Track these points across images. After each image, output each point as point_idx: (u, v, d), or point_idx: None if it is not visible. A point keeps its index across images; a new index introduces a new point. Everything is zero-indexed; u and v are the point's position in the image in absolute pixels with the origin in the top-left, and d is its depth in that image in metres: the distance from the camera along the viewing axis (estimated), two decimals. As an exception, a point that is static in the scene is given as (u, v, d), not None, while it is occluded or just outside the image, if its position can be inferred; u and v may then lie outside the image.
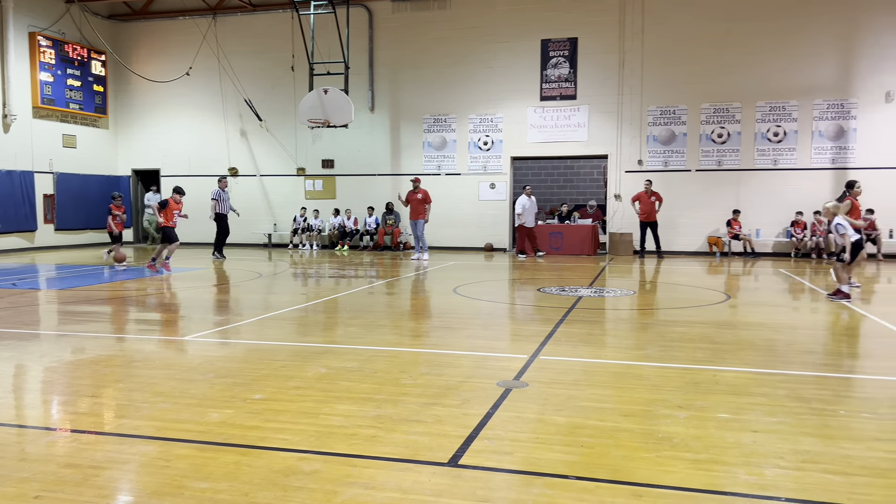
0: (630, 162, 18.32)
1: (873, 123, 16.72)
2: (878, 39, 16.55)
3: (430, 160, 19.81)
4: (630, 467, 3.47)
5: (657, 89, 17.98)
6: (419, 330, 7.50)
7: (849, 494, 3.15)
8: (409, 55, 19.67)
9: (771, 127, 17.37)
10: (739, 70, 17.38)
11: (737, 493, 3.17)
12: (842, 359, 6.25)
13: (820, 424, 4.14)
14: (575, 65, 18.47)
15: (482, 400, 4.59)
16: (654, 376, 5.31)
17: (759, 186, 17.49)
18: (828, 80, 16.96)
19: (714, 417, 4.27)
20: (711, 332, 7.19)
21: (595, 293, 10.33)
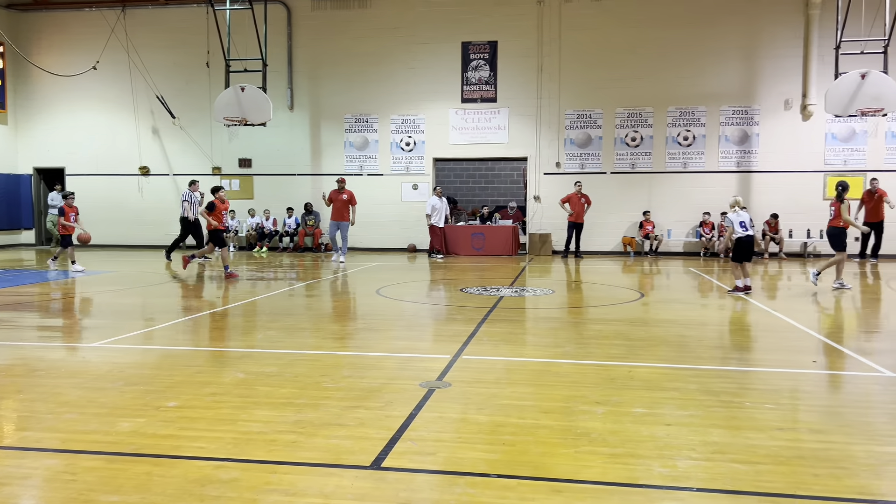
0: (549, 164, 18.71)
1: (774, 129, 17.68)
2: (777, 51, 17.52)
3: (351, 160, 19.64)
4: (550, 463, 3.54)
5: (574, 93, 18.44)
6: (341, 332, 7.41)
7: (754, 482, 3.31)
8: (329, 53, 19.43)
9: (681, 131, 18.11)
10: (652, 76, 18.04)
11: (651, 486, 3.28)
12: (746, 353, 6.58)
13: (728, 416, 4.34)
14: (495, 68, 18.71)
15: (405, 401, 4.58)
16: (572, 373, 5.44)
17: (670, 188, 18.20)
18: (733, 88, 17.82)
19: (630, 412, 4.40)
20: (626, 330, 7.43)
21: (516, 293, 10.49)
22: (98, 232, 18.79)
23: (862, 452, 3.71)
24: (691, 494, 3.18)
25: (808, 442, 3.87)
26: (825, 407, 4.72)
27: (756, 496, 3.16)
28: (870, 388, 5.15)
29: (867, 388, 5.15)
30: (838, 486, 3.28)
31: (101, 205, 20.14)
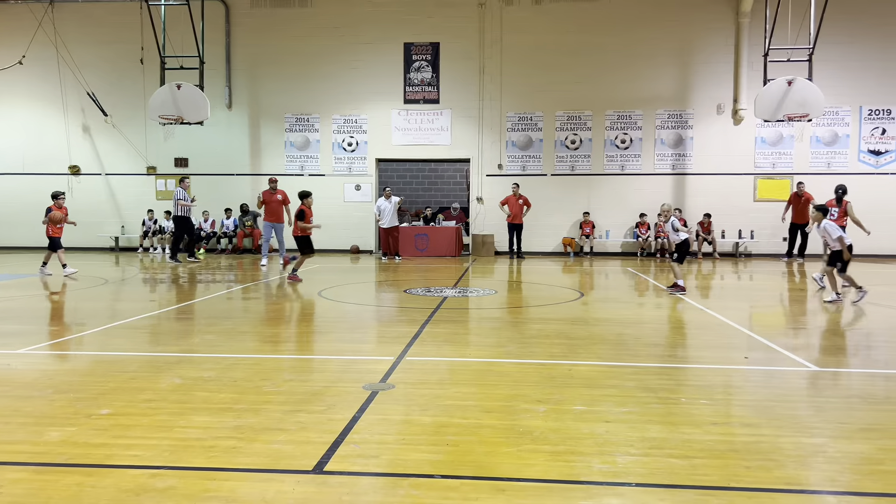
0: (491, 166, 18.86)
1: (707, 133, 18.27)
2: (710, 57, 18.11)
3: (292, 160, 19.38)
4: (493, 462, 3.56)
5: (515, 96, 18.65)
6: (282, 335, 7.30)
7: (690, 476, 3.41)
8: (269, 52, 19.13)
9: (618, 134, 18.52)
10: (590, 80, 18.39)
11: (592, 482, 3.34)
12: (682, 350, 6.77)
13: (665, 412, 4.45)
14: (437, 69, 18.75)
15: (348, 404, 4.54)
16: (514, 372, 5.49)
17: (608, 190, 18.59)
18: (668, 92, 18.33)
19: (570, 410, 4.47)
20: (566, 329, 7.55)
21: (459, 293, 10.54)
22: (24, 234, 18.03)
23: (790, 444, 3.87)
24: (630, 490, 3.25)
25: (741, 435, 4.00)
26: (756, 401, 4.90)
27: (692, 489, 3.25)
28: (797, 383, 5.36)
29: (795, 383, 5.37)
30: (769, 477, 3.40)
31: (28, 205, 19.30)
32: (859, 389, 5.10)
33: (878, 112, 17.81)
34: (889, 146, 17.82)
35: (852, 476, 3.44)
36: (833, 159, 17.96)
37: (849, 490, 3.28)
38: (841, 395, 4.94)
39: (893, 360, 6.18)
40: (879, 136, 17.83)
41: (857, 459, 3.65)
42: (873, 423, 4.25)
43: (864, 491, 3.27)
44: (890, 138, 17.80)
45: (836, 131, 17.92)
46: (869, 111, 17.83)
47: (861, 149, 17.90)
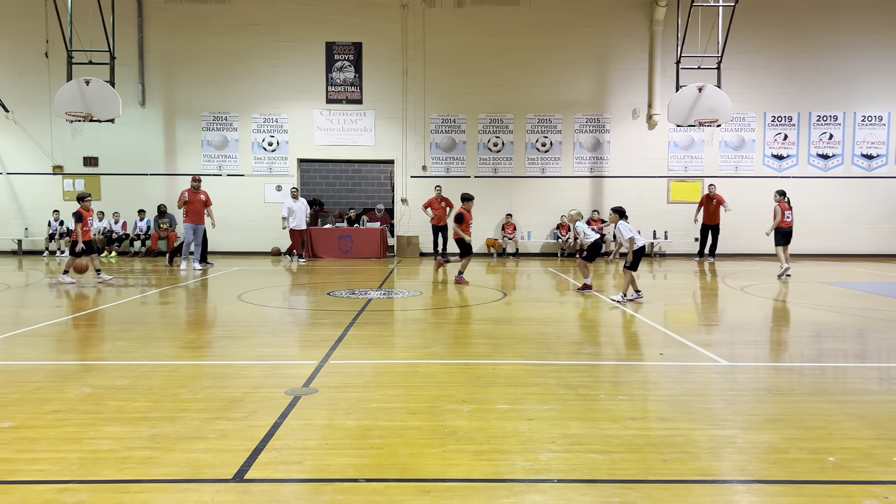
0: (415, 167, 18.88)
1: (623, 137, 18.86)
2: (626, 63, 18.70)
3: (209, 160, 18.82)
4: (418, 464, 3.56)
5: (439, 98, 18.73)
6: (200, 341, 7.07)
7: (610, 470, 3.50)
8: (185, 48, 18.52)
9: (539, 137, 18.88)
10: (512, 83, 18.67)
11: (515, 480, 3.38)
12: (601, 347, 6.95)
13: (585, 409, 4.56)
14: (360, 69, 18.63)
15: (269, 410, 4.44)
16: (439, 373, 5.51)
17: (529, 192, 18.92)
18: (586, 97, 18.82)
19: (495, 409, 4.52)
20: (490, 329, 7.63)
21: (384, 295, 10.49)
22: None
23: (704, 437, 4.03)
24: (552, 486, 3.31)
25: (657, 430, 4.14)
26: (671, 396, 5.08)
27: (612, 483, 3.34)
28: (710, 378, 5.60)
29: (707, 378, 5.60)
30: (684, 469, 3.53)
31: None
32: (766, 382, 5.37)
33: (780, 119, 18.83)
34: (790, 151, 18.86)
35: (760, 465, 3.62)
36: (740, 163, 18.87)
37: (757, 478, 3.45)
38: (749, 389, 5.18)
39: (797, 354, 6.54)
40: (782, 141, 18.85)
41: (765, 449, 3.84)
42: (779, 414, 4.48)
43: (771, 479, 3.44)
44: (791, 144, 18.84)
45: (743, 136, 18.83)
46: (772, 118, 18.82)
47: (766, 153, 18.87)
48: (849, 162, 18.82)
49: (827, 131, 18.78)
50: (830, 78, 18.62)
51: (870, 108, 18.71)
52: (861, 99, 18.69)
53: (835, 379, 5.56)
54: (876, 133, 18.76)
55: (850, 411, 4.53)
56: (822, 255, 18.47)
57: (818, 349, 6.83)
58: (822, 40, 18.50)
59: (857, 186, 18.74)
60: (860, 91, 18.66)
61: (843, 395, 5.01)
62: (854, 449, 3.82)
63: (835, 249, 18.63)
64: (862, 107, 18.71)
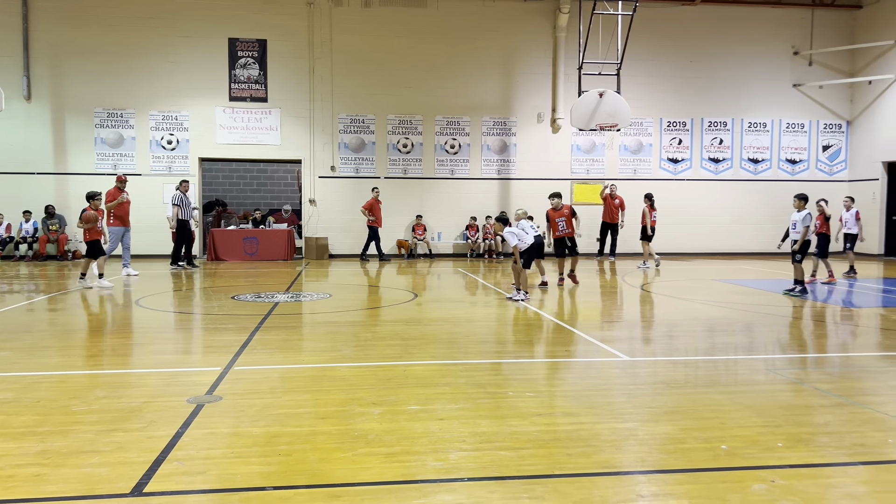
0: (323, 167, 18.61)
1: (529, 140, 19.28)
2: (531, 67, 19.13)
3: (104, 158, 17.88)
4: (327, 469, 3.51)
5: (347, 98, 18.54)
6: (93, 349, 6.70)
7: (518, 467, 3.57)
8: (75, 41, 17.51)
9: (448, 139, 19.03)
10: (420, 85, 18.73)
11: (426, 480, 3.39)
12: (509, 346, 7.08)
13: (494, 406, 4.63)
14: (265, 67, 18.19)
15: (170, 420, 4.26)
16: (349, 376, 5.45)
17: (439, 194, 19.04)
18: (493, 100, 19.12)
19: (405, 410, 4.52)
20: (401, 330, 7.62)
21: (292, 298, 10.28)
22: None
23: (606, 430, 4.17)
24: (462, 484, 3.34)
25: (563, 425, 4.26)
26: (576, 392, 5.23)
27: (520, 479, 3.41)
28: (611, 372, 5.80)
29: (609, 373, 5.81)
30: (588, 462, 3.65)
31: None
32: (664, 376, 5.62)
33: (675, 124, 19.77)
34: (685, 155, 19.83)
35: (659, 455, 3.78)
36: (638, 166, 19.68)
37: (656, 469, 3.60)
38: (648, 382, 5.41)
39: (692, 348, 6.88)
40: (677, 145, 19.80)
41: (663, 440, 4.02)
42: (676, 406, 4.70)
43: (669, 468, 3.60)
44: (685, 148, 19.82)
45: (641, 141, 19.66)
46: (668, 123, 19.73)
47: (662, 157, 19.77)
48: (737, 166, 19.98)
49: (717, 136, 19.87)
50: (719, 86, 19.72)
51: (755, 116, 19.93)
52: (747, 107, 19.88)
53: (726, 371, 5.89)
54: (761, 139, 20.01)
55: (740, 401, 4.81)
56: (714, 254, 19.52)
57: (711, 343, 7.22)
58: (711, 51, 19.56)
59: (745, 189, 19.92)
60: (746, 99, 19.85)
61: (734, 386, 5.32)
62: (744, 437, 4.05)
63: (725, 248, 19.73)
64: (748, 114, 19.92)
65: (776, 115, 19.95)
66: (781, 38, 19.71)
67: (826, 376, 5.67)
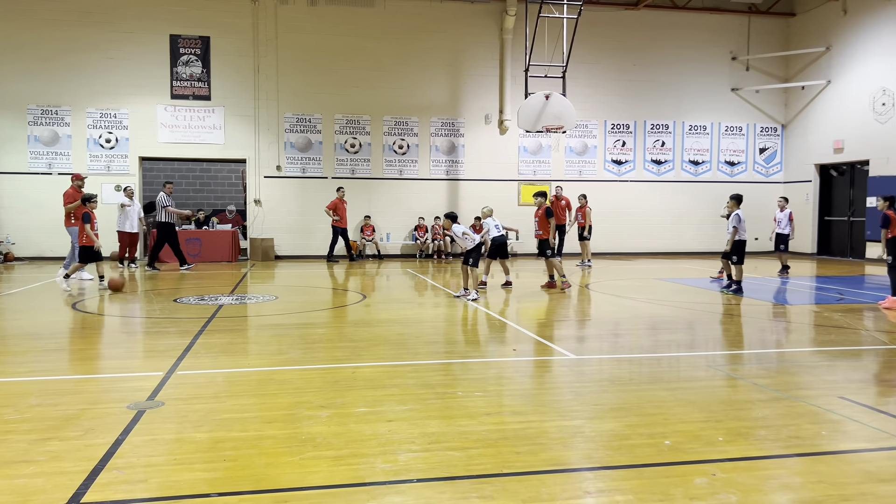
0: (269, 167, 18.32)
1: (477, 141, 19.37)
2: (478, 69, 19.23)
3: (37, 157, 17.22)
4: (274, 474, 3.45)
5: (293, 97, 18.30)
6: (26, 354, 6.43)
7: (467, 466, 3.58)
8: (8, 35, 16.81)
9: (396, 140, 18.98)
10: (368, 85, 18.62)
11: (375, 482, 3.37)
12: (458, 346, 7.10)
13: (443, 407, 4.63)
14: (208, 64, 17.80)
15: (110, 427, 4.13)
16: (296, 379, 5.38)
17: (388, 194, 18.97)
18: (441, 101, 19.16)
19: (354, 413, 4.48)
20: (349, 331, 7.57)
21: (236, 301, 10.09)
22: None
23: (554, 428, 4.22)
24: (412, 486, 3.34)
25: (511, 423, 4.29)
26: (524, 390, 5.28)
27: (469, 479, 3.42)
28: (559, 371, 5.88)
29: (557, 371, 5.89)
30: (536, 460, 3.68)
31: None
32: (609, 373, 5.72)
33: (619, 126, 20.17)
34: (628, 157, 20.25)
35: (606, 452, 3.85)
36: (584, 168, 20.00)
37: (603, 465, 3.67)
38: (594, 380, 5.50)
39: (636, 346, 7.03)
40: (620, 147, 20.19)
41: (609, 436, 4.09)
42: (621, 403, 4.79)
43: (615, 464, 3.67)
44: (629, 150, 20.23)
45: (587, 143, 19.98)
46: (612, 125, 20.11)
47: (606, 158, 20.14)
48: (678, 167, 20.50)
49: (660, 139, 20.36)
50: (661, 90, 20.20)
51: (695, 119, 20.49)
52: (688, 110, 20.43)
53: (669, 368, 6.03)
54: (701, 141, 20.59)
55: (682, 397, 4.93)
56: (656, 253, 19.99)
57: (654, 341, 7.38)
58: (654, 55, 20.02)
59: (686, 190, 20.45)
60: (687, 102, 20.39)
61: (676, 382, 5.45)
62: (686, 432, 4.16)
63: (667, 248, 20.22)
64: (689, 117, 20.46)
65: (715, 119, 20.54)
66: (720, 44, 20.32)
67: (763, 371, 5.86)
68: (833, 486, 3.35)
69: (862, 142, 17.94)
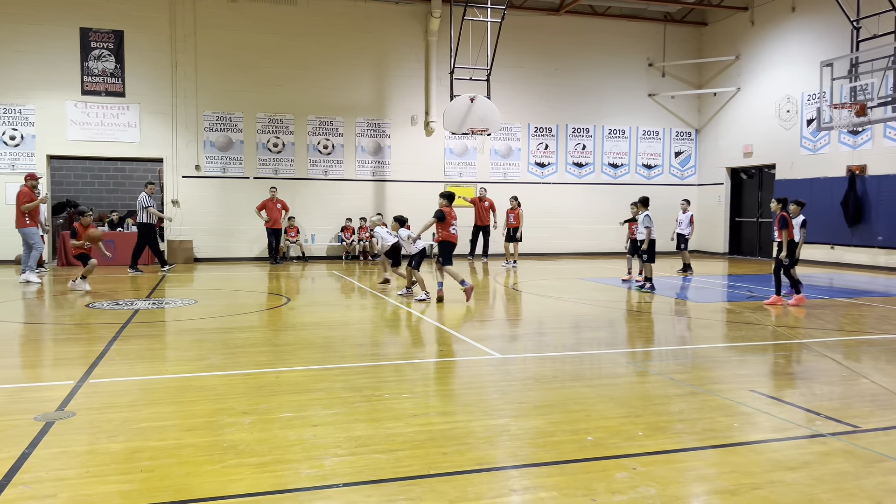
0: (188, 167, 17.75)
1: (403, 142, 19.35)
2: (404, 70, 19.21)
3: (-67, 155, 16.11)
4: (195, 483, 3.34)
5: (213, 94, 17.79)
6: (-78, 365, 6.01)
7: (394, 469, 3.56)
8: None
9: (321, 140, 18.74)
10: (291, 83, 18.31)
11: (300, 489, 3.31)
12: (385, 348, 7.07)
13: (370, 409, 4.60)
14: (122, 60, 17.10)
15: (15, 440, 3.90)
16: (218, 385, 5.23)
17: (312, 195, 18.69)
18: (367, 101, 19.03)
19: (278, 418, 4.39)
20: (273, 335, 7.41)
21: (154, 305, 9.72)
22: None
23: (480, 427, 4.26)
24: (338, 490, 3.30)
25: (439, 424, 4.30)
26: (451, 390, 5.31)
27: (396, 482, 3.40)
28: (485, 370, 5.94)
29: (483, 370, 5.94)
30: (463, 460, 3.70)
31: None
32: (534, 372, 5.82)
33: (542, 129, 20.55)
34: (551, 159, 20.66)
35: (531, 449, 3.91)
36: (508, 170, 20.28)
37: (528, 462, 3.72)
38: (519, 378, 5.58)
39: (560, 344, 7.17)
40: (543, 150, 20.59)
41: (534, 434, 4.15)
42: (545, 401, 4.88)
43: (540, 461, 3.73)
44: (551, 153, 20.65)
45: (511, 145, 20.27)
46: (535, 128, 20.48)
47: (530, 161, 20.49)
48: (599, 170, 21.07)
49: (581, 142, 20.86)
50: (582, 94, 20.71)
51: (615, 123, 21.11)
52: (607, 114, 21.02)
53: (591, 365, 6.18)
54: (620, 145, 21.22)
55: (604, 393, 5.06)
56: (578, 254, 20.47)
57: (577, 339, 7.56)
58: (575, 60, 20.51)
59: (606, 192, 21.03)
60: (607, 107, 20.98)
61: (598, 378, 5.60)
62: (608, 427, 4.27)
63: (588, 248, 20.74)
64: (608, 121, 21.05)
65: (633, 123, 21.21)
66: (638, 50, 21.00)
67: (680, 367, 6.09)
68: (745, 476, 3.51)
69: (769, 147, 18.90)
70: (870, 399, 4.97)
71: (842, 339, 7.37)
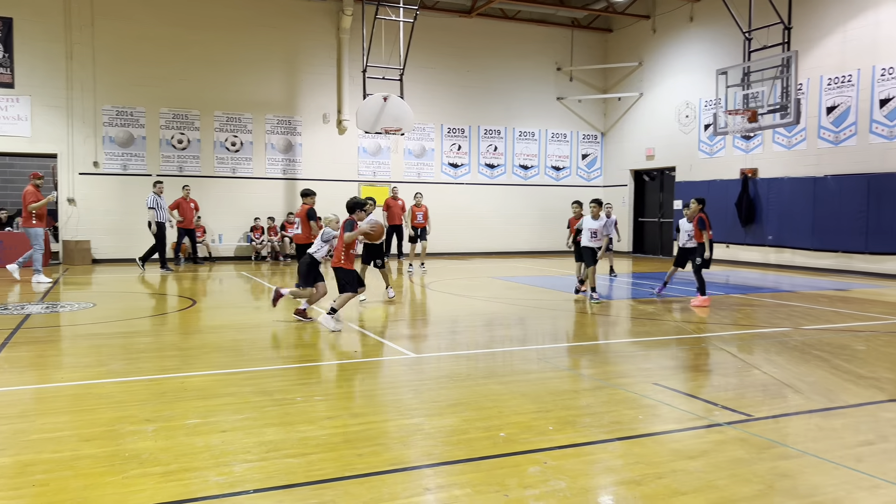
0: (85, 163, 16.84)
1: (315, 140, 19.05)
2: (316, 67, 18.92)
3: None
4: (93, 496, 3.18)
5: (113, 88, 16.95)
6: None
7: (307, 473, 3.50)
8: None
9: (229, 136, 18.19)
10: (197, 78, 17.68)
11: (208, 497, 3.21)
12: (298, 350, 6.93)
13: (282, 413, 4.50)
14: (11, 49, 16.03)
15: None
16: (118, 392, 4.99)
17: (220, 193, 18.12)
18: (277, 98, 18.62)
19: (183, 425, 4.23)
20: (178, 339, 7.14)
21: (47, 309, 9.17)
22: None
23: (395, 427, 4.25)
24: (248, 497, 3.21)
25: (353, 426, 4.26)
26: (365, 391, 5.27)
27: (309, 486, 3.35)
28: (399, 370, 5.93)
29: (397, 370, 5.93)
30: (378, 461, 3.68)
31: None
32: (448, 370, 5.86)
33: (455, 130, 20.73)
34: (464, 160, 20.86)
35: (445, 448, 3.93)
36: (422, 170, 20.33)
37: (442, 461, 3.74)
38: (433, 377, 5.61)
39: (473, 342, 7.25)
40: (456, 151, 20.77)
41: (448, 432, 4.18)
42: (459, 398, 4.92)
43: (454, 459, 3.76)
44: (464, 154, 20.85)
45: (424, 145, 20.33)
46: (448, 129, 20.63)
47: (443, 161, 20.62)
48: (510, 171, 21.45)
49: (493, 144, 21.17)
50: (494, 96, 21.03)
51: (525, 125, 21.54)
52: (518, 116, 21.43)
53: (503, 362, 6.29)
54: (530, 147, 21.68)
55: (516, 389, 5.16)
56: (491, 253, 20.77)
57: (489, 336, 7.67)
58: (486, 62, 20.80)
59: (517, 193, 21.45)
60: (517, 109, 21.39)
61: (510, 375, 5.69)
62: (520, 423, 4.35)
63: (501, 248, 21.08)
64: (519, 123, 21.47)
65: (543, 126, 21.71)
66: (547, 55, 21.51)
67: (588, 362, 6.28)
68: (649, 466, 3.66)
69: (669, 150, 19.78)
70: (761, 389, 5.29)
71: (737, 333, 7.80)
